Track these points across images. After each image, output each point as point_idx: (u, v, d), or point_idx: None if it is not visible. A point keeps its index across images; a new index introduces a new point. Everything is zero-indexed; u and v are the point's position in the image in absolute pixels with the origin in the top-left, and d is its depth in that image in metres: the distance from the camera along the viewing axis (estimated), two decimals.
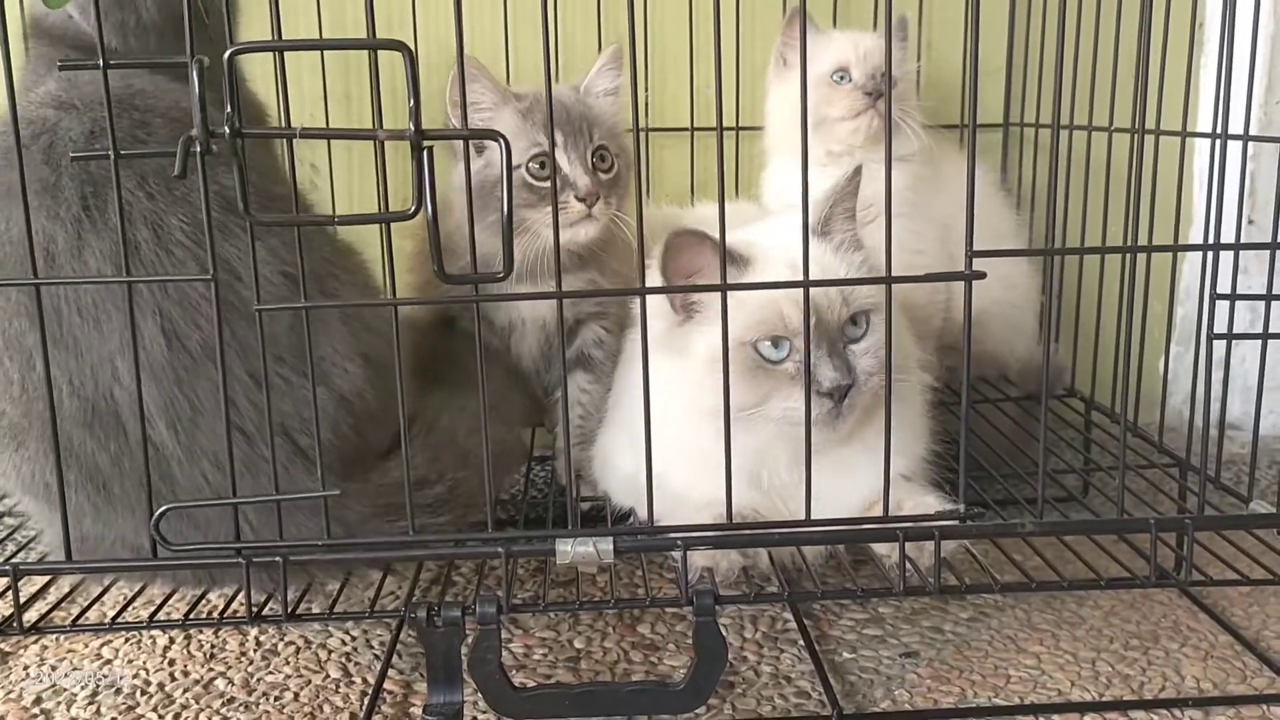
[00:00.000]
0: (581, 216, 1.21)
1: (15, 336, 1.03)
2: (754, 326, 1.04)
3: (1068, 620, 1.19)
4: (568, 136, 1.22)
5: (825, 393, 1.00)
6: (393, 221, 0.89)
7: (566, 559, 0.95)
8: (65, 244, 1.01)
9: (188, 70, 0.83)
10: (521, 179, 1.22)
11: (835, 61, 1.46)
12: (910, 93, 1.50)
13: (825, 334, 1.02)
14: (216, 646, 1.15)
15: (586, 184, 1.21)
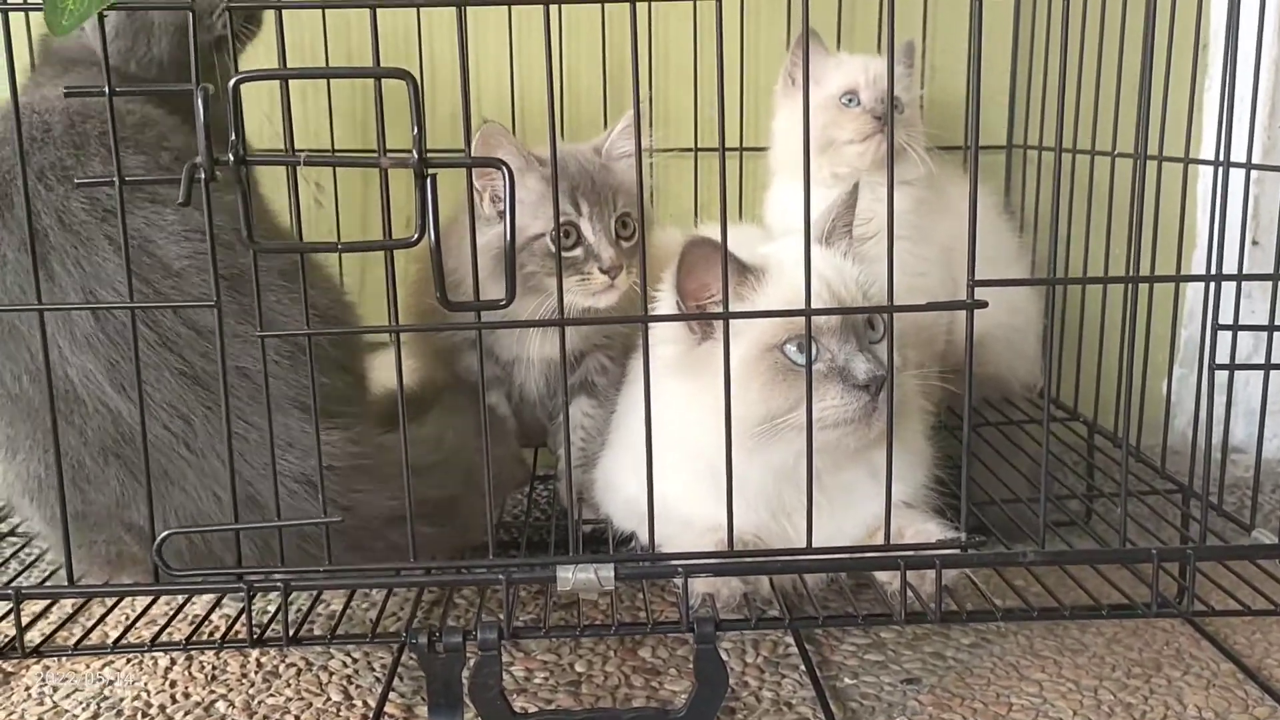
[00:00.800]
0: (604, 288, 1.21)
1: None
2: (781, 329, 1.03)
3: (1070, 647, 1.19)
4: (592, 206, 1.21)
5: (862, 385, 1.00)
6: (396, 249, 0.89)
7: (568, 585, 0.95)
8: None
9: (193, 98, 0.83)
10: (545, 247, 1.20)
11: (844, 84, 1.46)
12: (915, 117, 1.51)
13: (853, 330, 1.02)
14: (218, 668, 1.15)
15: (611, 256, 1.20)
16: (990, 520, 1.29)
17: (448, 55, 1.62)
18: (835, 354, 1.02)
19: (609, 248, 1.20)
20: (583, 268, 1.20)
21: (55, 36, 0.85)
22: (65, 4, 0.85)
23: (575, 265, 1.20)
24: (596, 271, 1.20)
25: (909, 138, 1.45)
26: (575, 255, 1.20)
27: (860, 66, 1.47)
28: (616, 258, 1.19)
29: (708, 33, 1.63)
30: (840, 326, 1.02)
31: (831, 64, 1.47)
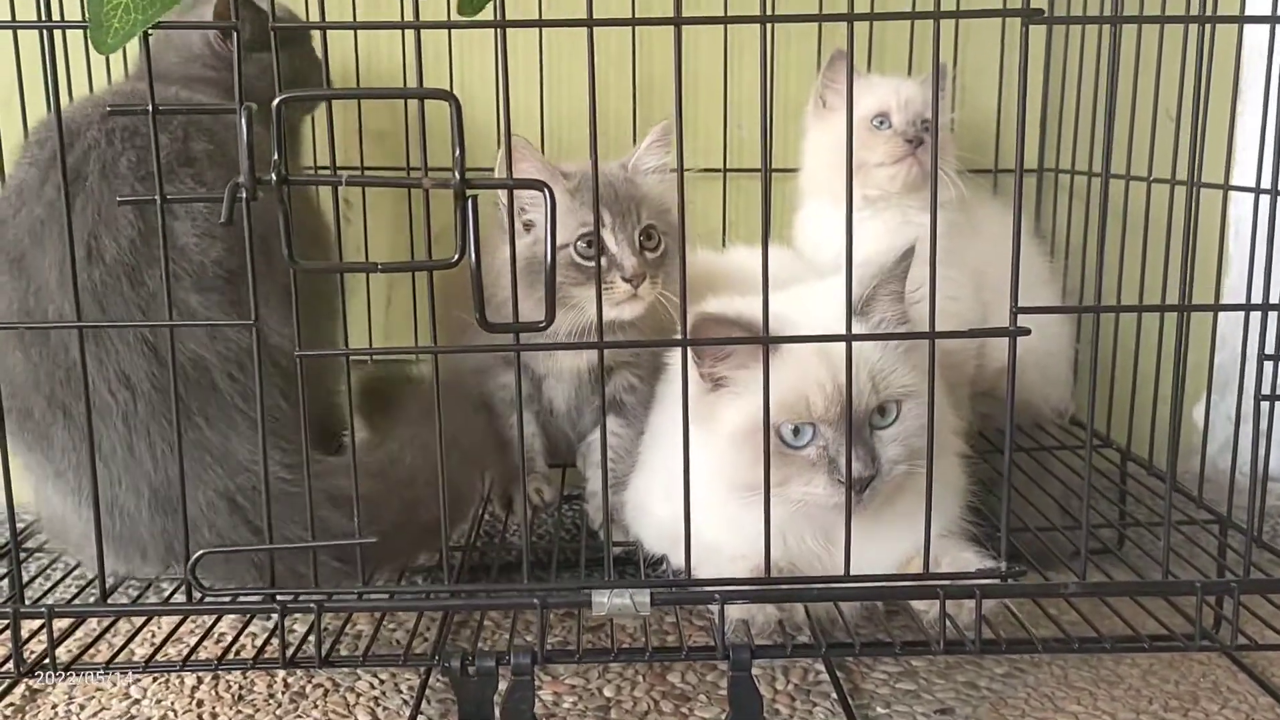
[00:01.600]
0: (627, 296, 1.21)
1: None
2: (777, 410, 1.00)
3: (1105, 678, 1.17)
4: (615, 217, 1.21)
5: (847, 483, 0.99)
6: (435, 270, 0.89)
7: (603, 610, 0.94)
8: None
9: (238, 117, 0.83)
10: (569, 258, 1.21)
11: (876, 106, 1.45)
12: (948, 140, 1.50)
13: (852, 421, 1.00)
14: (245, 687, 1.15)
15: (633, 265, 1.20)
16: (1023, 546, 1.28)
17: (475, 74, 1.62)
18: (829, 442, 1.01)
19: (631, 257, 1.20)
20: (606, 277, 1.20)
21: (100, 51, 0.85)
22: (111, 23, 0.85)
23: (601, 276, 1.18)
24: (619, 280, 1.20)
25: (942, 161, 1.44)
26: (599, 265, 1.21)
27: (892, 89, 1.46)
28: (639, 266, 1.20)
29: (736, 52, 1.64)
30: (840, 415, 1.00)
31: (862, 85, 1.46)
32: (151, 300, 1.06)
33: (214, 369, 1.08)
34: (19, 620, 0.97)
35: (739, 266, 1.41)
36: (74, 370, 1.06)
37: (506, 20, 0.88)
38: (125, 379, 1.06)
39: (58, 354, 1.07)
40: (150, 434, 1.07)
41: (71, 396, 1.07)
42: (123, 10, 0.86)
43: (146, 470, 1.07)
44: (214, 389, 1.07)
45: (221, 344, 1.08)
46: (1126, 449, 1.48)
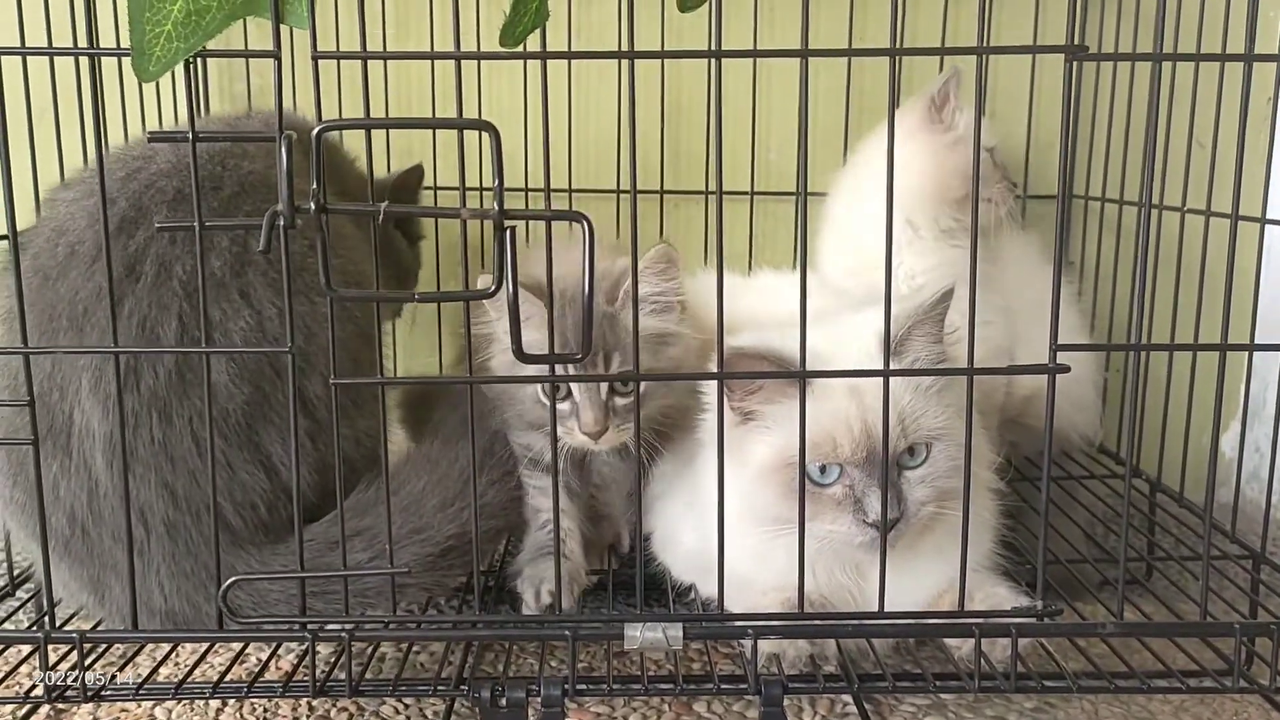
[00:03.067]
0: (586, 443, 1.14)
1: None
2: (808, 450, 0.99)
3: (1136, 715, 1.16)
4: (579, 367, 1.08)
5: (870, 524, 0.98)
6: (473, 299, 0.89)
7: (635, 645, 0.94)
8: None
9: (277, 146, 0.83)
10: (534, 394, 1.15)
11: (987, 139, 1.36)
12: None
13: (879, 466, 0.99)
14: (270, 711, 1.14)
15: (591, 421, 1.10)
16: (1050, 576, 1.26)
17: (503, 102, 1.62)
18: (855, 483, 1.00)
19: (591, 410, 1.10)
20: (566, 422, 1.13)
21: (143, 80, 0.85)
22: (154, 50, 0.85)
23: (562, 418, 1.12)
24: (577, 430, 1.12)
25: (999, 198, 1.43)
26: (562, 409, 1.12)
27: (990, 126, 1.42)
28: (599, 422, 1.10)
29: (765, 76, 1.64)
30: (867, 457, 0.99)
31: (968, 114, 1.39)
32: (177, 443, 1.04)
33: (227, 511, 1.06)
34: (49, 644, 0.96)
35: (766, 292, 1.40)
36: (94, 494, 1.05)
37: (547, 52, 0.88)
38: (143, 518, 1.04)
39: (79, 472, 1.06)
40: (160, 572, 1.06)
41: (92, 520, 1.06)
42: (165, 38, 0.86)
43: (157, 604, 1.06)
44: (226, 528, 1.05)
45: (239, 490, 1.07)
46: (1157, 479, 1.46)
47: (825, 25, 1.62)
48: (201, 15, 0.86)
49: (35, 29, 1.31)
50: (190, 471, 1.03)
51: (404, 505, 1.14)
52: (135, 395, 1.04)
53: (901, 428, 0.99)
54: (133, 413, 1.04)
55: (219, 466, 1.04)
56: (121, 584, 1.00)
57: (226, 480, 1.05)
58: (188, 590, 1.06)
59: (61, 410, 1.05)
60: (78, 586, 1.10)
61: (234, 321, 1.07)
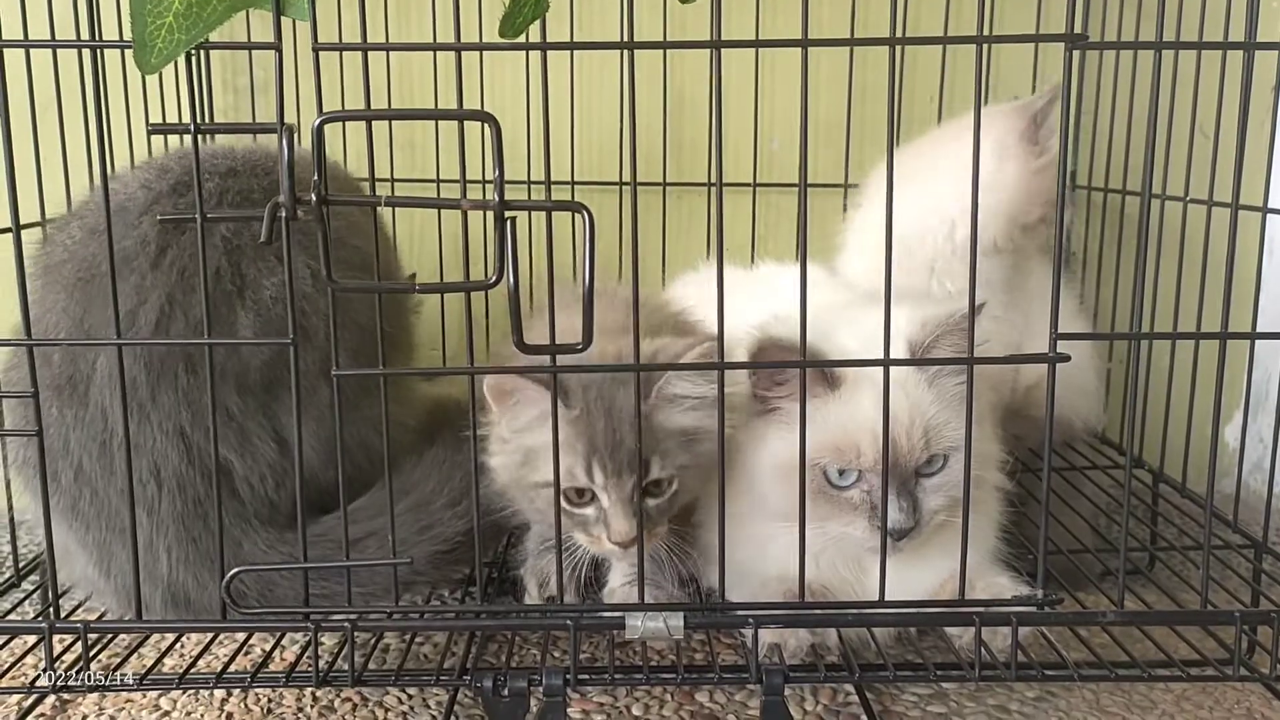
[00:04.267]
0: (614, 552, 1.06)
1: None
2: (826, 450, 1.01)
3: (1138, 704, 1.16)
4: (609, 477, 1.00)
5: (890, 532, 0.99)
6: (474, 290, 0.89)
7: (636, 634, 0.94)
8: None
9: (278, 137, 0.84)
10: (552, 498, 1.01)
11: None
12: None
13: (899, 474, 0.99)
14: (274, 701, 1.15)
15: (622, 532, 1.01)
16: (1052, 566, 1.26)
17: (505, 93, 1.62)
18: (874, 489, 1.00)
19: (623, 520, 1.00)
20: (591, 529, 1.04)
21: (145, 72, 0.85)
22: (155, 43, 0.86)
23: (585, 524, 1.04)
24: (605, 540, 1.03)
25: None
26: (587, 514, 1.04)
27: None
28: (628, 535, 1.01)
29: (767, 67, 1.63)
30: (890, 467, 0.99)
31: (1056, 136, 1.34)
32: (200, 394, 1.05)
33: (236, 476, 1.08)
34: (53, 635, 0.97)
35: (768, 284, 1.40)
36: (106, 446, 1.06)
37: (548, 43, 0.88)
38: (156, 471, 1.05)
39: (95, 422, 1.06)
40: (169, 535, 1.06)
41: (102, 475, 1.07)
42: (166, 30, 0.86)
43: (162, 572, 1.07)
44: (233, 495, 1.07)
45: (250, 458, 1.08)
46: (1159, 470, 1.46)
47: (828, 16, 1.62)
48: (203, 7, 0.86)
49: (39, 22, 1.31)
50: (207, 428, 1.03)
51: (414, 505, 1.15)
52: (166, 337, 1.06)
53: (926, 438, 1.00)
54: (159, 359, 1.06)
55: (232, 428, 1.06)
56: (127, 551, 1.01)
57: (239, 444, 1.07)
58: (195, 560, 1.06)
59: (86, 358, 1.07)
60: (85, 559, 1.11)
61: (267, 279, 1.09)
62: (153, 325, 1.05)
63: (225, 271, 1.08)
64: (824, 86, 1.64)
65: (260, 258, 1.09)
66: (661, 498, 1.04)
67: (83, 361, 1.06)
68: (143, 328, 1.05)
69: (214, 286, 1.07)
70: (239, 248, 1.10)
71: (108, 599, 1.11)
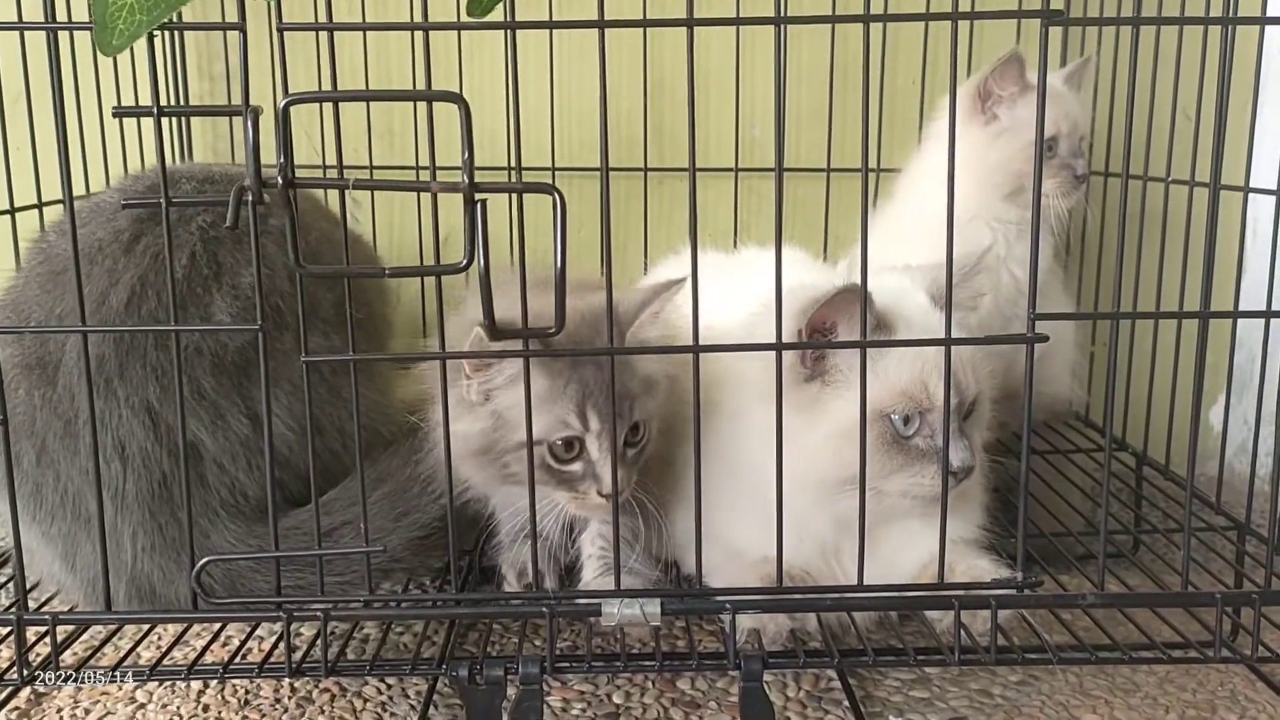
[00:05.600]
0: (599, 507, 1.04)
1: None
2: (895, 398, 1.00)
3: (1122, 686, 1.15)
4: (603, 420, 1.00)
5: (953, 472, 0.98)
6: (444, 274, 0.88)
7: (613, 621, 0.93)
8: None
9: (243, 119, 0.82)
10: (541, 457, 1.01)
11: (1048, 128, 1.34)
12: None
13: (958, 415, 1.00)
14: (251, 692, 1.14)
15: (611, 480, 0.99)
16: (1036, 549, 1.26)
17: (485, 75, 1.61)
18: (937, 433, 1.00)
19: (609, 470, 1.00)
20: (578, 485, 1.03)
21: (105, 53, 0.84)
22: (116, 24, 0.84)
23: (570, 480, 1.03)
24: (594, 493, 1.02)
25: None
26: (574, 470, 1.02)
27: (1061, 110, 1.36)
28: (621, 481, 1.00)
29: (749, 51, 1.62)
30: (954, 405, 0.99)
31: (1026, 101, 1.36)
32: (170, 369, 1.04)
33: (206, 458, 1.07)
34: (23, 626, 0.96)
35: (749, 268, 1.38)
36: (71, 426, 1.05)
37: (517, 22, 0.87)
38: (120, 448, 1.04)
39: (61, 402, 1.06)
40: (133, 520, 1.05)
41: (65, 455, 1.06)
42: (127, 11, 0.84)
43: (125, 560, 1.06)
44: (201, 482, 1.06)
45: (221, 435, 1.07)
46: (1143, 453, 1.46)
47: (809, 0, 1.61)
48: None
49: (6, 6, 1.30)
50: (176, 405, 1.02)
51: (391, 491, 1.14)
52: (136, 318, 1.06)
53: (974, 376, 1.03)
54: (130, 334, 1.06)
55: (204, 405, 1.05)
56: (92, 542, 1.00)
57: (210, 422, 1.06)
58: (160, 550, 1.05)
59: (58, 339, 1.07)
60: (50, 555, 1.10)
61: (245, 268, 1.09)
62: (123, 304, 1.05)
63: (201, 257, 1.08)
64: (805, 73, 1.64)
65: (239, 248, 1.09)
66: (638, 446, 1.06)
67: (52, 343, 1.07)
68: (113, 306, 1.05)
69: (189, 271, 1.07)
70: (216, 238, 1.10)
71: (74, 594, 1.10)
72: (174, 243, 1.05)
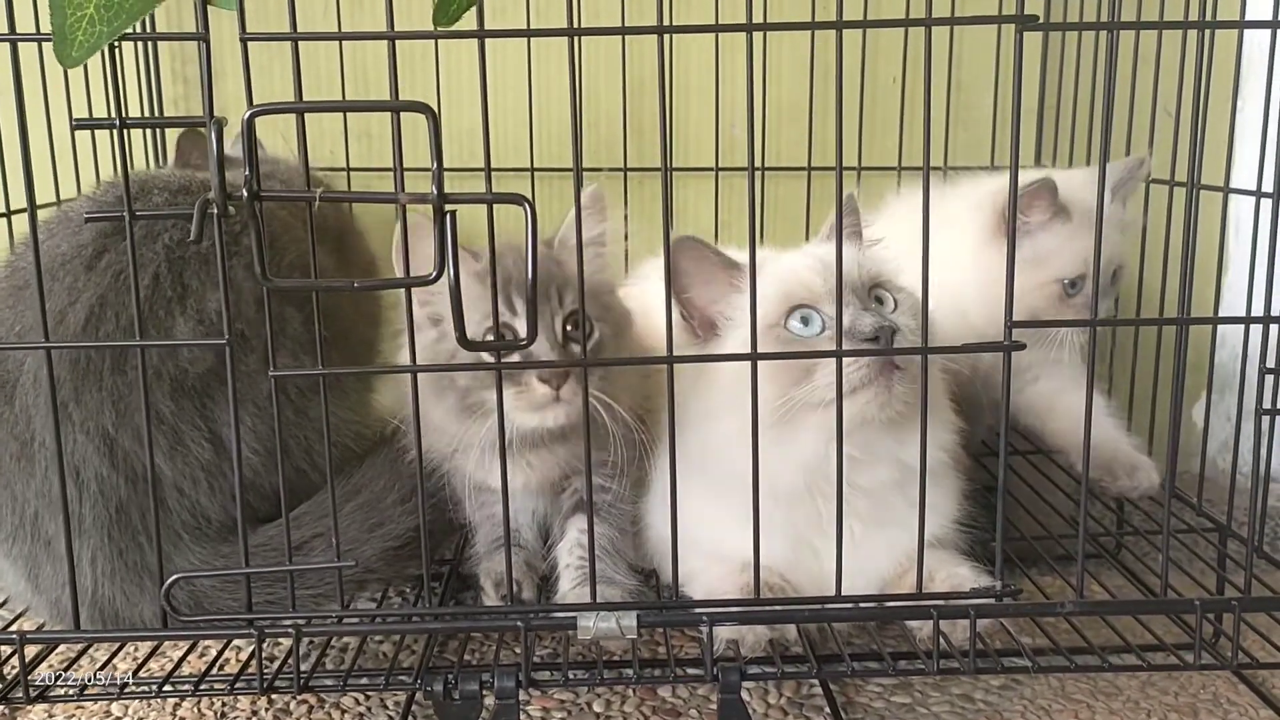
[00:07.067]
0: (549, 400, 0.99)
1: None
2: (780, 302, 1.00)
3: (1103, 690, 1.15)
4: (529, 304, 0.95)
5: (869, 338, 0.94)
6: (413, 286, 0.86)
7: (588, 635, 0.93)
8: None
9: (206, 131, 0.81)
10: (479, 357, 0.98)
11: (1071, 267, 1.20)
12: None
13: (853, 293, 0.98)
14: (228, 704, 1.13)
15: (551, 360, 0.98)
16: (1018, 552, 1.26)
17: (465, 83, 1.60)
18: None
19: (549, 352, 0.99)
20: (520, 378, 0.99)
21: (65, 65, 0.82)
22: (75, 36, 0.83)
23: (513, 376, 1.00)
24: (534, 381, 0.99)
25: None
26: (513, 362, 0.99)
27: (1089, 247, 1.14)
28: (566, 392, 0.98)
29: (729, 52, 1.61)
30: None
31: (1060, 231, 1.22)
32: (126, 394, 1.03)
33: (165, 482, 1.05)
34: None
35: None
36: (28, 448, 1.04)
37: (486, 30, 0.85)
38: (75, 474, 1.02)
39: (18, 422, 1.04)
40: (91, 545, 1.03)
41: (21, 477, 1.04)
42: (87, 22, 0.83)
43: (87, 585, 1.04)
44: (161, 505, 1.03)
45: (181, 460, 1.05)
46: None
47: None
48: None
49: None
50: (135, 428, 1.01)
51: (365, 503, 1.13)
52: (92, 338, 1.03)
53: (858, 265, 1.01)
54: (85, 356, 1.03)
55: (163, 431, 1.03)
56: (53, 563, 0.99)
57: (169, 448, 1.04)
58: (122, 574, 1.04)
59: (15, 357, 1.06)
60: (14, 574, 1.08)
61: (212, 292, 1.06)
62: (81, 324, 1.03)
63: (165, 278, 1.06)
64: (785, 71, 1.62)
65: (206, 269, 1.07)
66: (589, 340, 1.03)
67: (10, 361, 1.05)
68: (71, 326, 1.02)
69: (152, 292, 1.04)
70: (183, 258, 1.08)
71: (42, 612, 1.08)
72: (139, 261, 1.02)
